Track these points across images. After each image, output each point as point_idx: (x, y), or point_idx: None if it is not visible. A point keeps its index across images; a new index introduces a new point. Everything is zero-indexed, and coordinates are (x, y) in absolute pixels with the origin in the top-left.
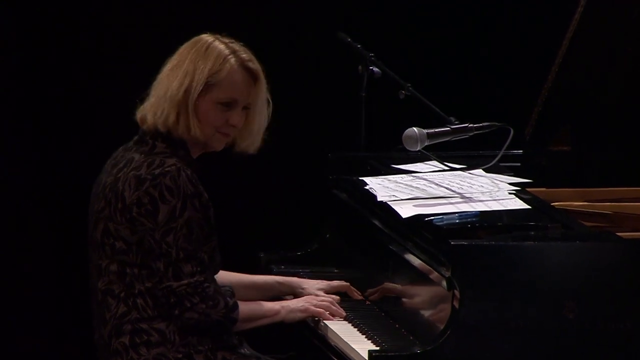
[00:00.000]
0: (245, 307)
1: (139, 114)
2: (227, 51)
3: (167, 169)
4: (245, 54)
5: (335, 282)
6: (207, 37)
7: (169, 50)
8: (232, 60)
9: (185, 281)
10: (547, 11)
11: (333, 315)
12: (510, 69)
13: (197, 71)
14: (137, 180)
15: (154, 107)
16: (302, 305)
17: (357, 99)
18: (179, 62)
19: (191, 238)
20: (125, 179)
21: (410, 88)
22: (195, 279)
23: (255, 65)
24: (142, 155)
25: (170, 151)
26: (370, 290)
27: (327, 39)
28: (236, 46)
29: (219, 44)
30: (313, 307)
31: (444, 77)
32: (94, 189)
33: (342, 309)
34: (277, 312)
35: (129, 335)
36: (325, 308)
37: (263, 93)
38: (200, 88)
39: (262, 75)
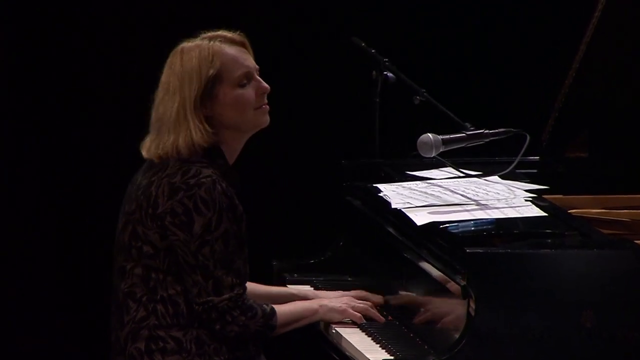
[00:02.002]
0: (282, 311)
1: (159, 152)
2: (203, 43)
3: (202, 180)
4: (216, 33)
5: (353, 292)
6: (174, 52)
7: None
8: (213, 43)
9: (227, 295)
10: (559, 16)
11: (371, 319)
12: (527, 75)
13: (185, 86)
14: (170, 188)
15: (174, 141)
16: (340, 306)
17: (371, 104)
18: (166, 87)
19: (228, 250)
20: (159, 184)
21: (425, 93)
22: (235, 292)
23: (232, 34)
24: (179, 162)
25: (208, 161)
26: (384, 299)
27: (341, 44)
28: (204, 35)
29: (190, 44)
30: (351, 310)
31: (459, 83)
32: (128, 189)
33: (379, 315)
34: (315, 312)
35: (145, 340)
36: (363, 311)
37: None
38: (203, 88)
39: (245, 39)
